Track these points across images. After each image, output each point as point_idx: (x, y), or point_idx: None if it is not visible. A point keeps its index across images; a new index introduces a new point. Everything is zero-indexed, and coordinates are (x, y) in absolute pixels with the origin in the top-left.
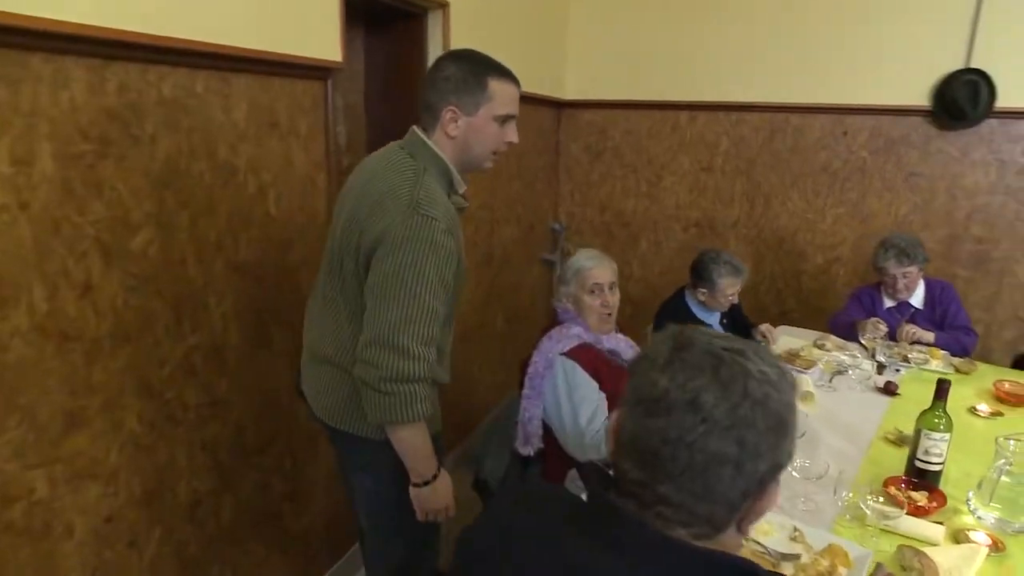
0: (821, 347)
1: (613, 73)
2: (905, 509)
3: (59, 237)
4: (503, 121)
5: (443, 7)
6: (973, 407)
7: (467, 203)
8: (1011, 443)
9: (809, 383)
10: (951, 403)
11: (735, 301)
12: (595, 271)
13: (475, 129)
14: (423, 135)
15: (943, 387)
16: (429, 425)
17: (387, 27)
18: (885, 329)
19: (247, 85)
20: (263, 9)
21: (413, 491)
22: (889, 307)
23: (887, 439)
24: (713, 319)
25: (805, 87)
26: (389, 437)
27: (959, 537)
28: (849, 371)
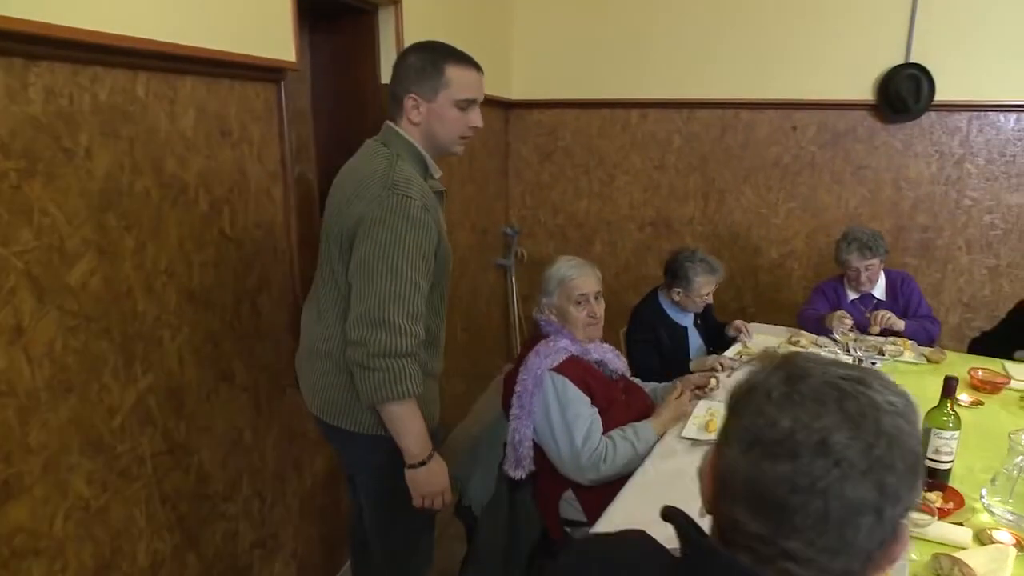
0: (796, 343)
1: (561, 72)
2: (936, 515)
3: None
4: (465, 106)
5: (395, 3)
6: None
7: (443, 188)
8: None
9: None
10: (930, 395)
11: (709, 301)
12: (580, 281)
13: (436, 115)
14: (394, 125)
15: (951, 384)
16: (426, 417)
17: (333, 25)
18: (851, 322)
19: (194, 88)
20: (208, 4)
21: (409, 473)
22: (853, 299)
23: None
24: (687, 320)
25: (754, 82)
26: (382, 417)
27: (982, 538)
28: None
